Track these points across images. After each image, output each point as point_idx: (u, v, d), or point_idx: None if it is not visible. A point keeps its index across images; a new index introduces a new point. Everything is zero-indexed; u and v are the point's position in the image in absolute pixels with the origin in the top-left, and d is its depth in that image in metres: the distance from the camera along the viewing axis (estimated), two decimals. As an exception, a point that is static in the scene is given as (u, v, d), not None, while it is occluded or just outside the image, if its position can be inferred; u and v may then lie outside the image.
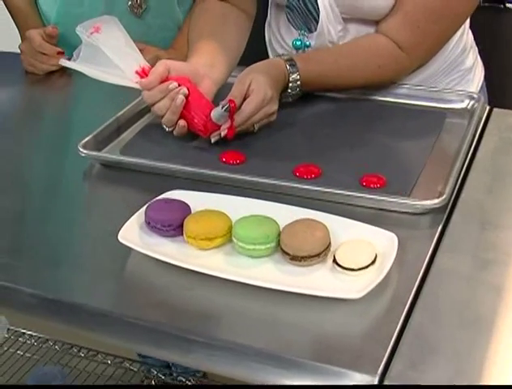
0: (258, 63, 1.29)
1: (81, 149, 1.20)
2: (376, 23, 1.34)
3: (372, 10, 1.31)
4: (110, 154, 1.22)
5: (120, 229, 0.99)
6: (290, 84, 1.29)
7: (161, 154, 1.20)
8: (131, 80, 1.23)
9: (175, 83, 1.21)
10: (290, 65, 1.29)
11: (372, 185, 1.11)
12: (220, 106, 1.19)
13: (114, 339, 0.93)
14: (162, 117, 1.23)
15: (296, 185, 1.10)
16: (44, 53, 1.58)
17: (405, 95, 1.37)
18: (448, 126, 1.28)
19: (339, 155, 1.21)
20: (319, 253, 0.93)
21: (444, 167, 1.14)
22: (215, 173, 1.14)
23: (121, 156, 1.21)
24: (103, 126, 1.27)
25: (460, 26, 1.36)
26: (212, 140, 1.22)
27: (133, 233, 0.99)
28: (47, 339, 1.80)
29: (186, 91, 1.21)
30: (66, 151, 1.29)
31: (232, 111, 1.19)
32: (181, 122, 1.22)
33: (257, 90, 1.22)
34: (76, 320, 0.93)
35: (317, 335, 0.87)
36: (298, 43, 1.41)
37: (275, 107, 1.26)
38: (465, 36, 1.45)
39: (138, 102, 1.33)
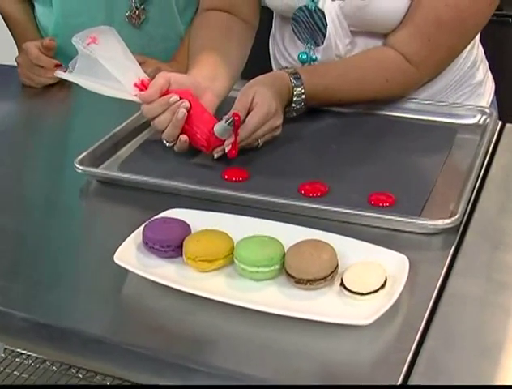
0: (261, 76, 1.24)
1: (77, 165, 1.16)
2: (384, 36, 1.29)
3: (382, 23, 1.27)
4: (108, 170, 1.18)
5: (117, 249, 0.94)
6: (294, 98, 1.25)
7: (161, 171, 1.16)
8: (130, 93, 1.19)
9: (176, 97, 1.17)
10: (294, 78, 1.25)
11: (381, 204, 1.06)
12: (224, 120, 1.15)
13: (108, 367, 0.88)
14: (162, 131, 1.18)
15: (301, 204, 1.06)
16: (41, 66, 1.53)
17: (414, 110, 1.33)
18: (459, 142, 1.24)
19: (346, 172, 1.16)
20: (326, 276, 0.89)
21: (456, 185, 1.10)
22: (216, 190, 1.09)
23: (119, 172, 1.16)
24: (100, 141, 1.22)
25: (472, 39, 1.32)
26: (215, 156, 1.18)
27: (130, 254, 0.95)
28: (44, 360, 1.74)
29: (188, 105, 1.17)
30: (63, 168, 1.24)
31: (236, 125, 1.15)
32: (183, 137, 1.17)
33: (261, 103, 1.17)
34: (67, 346, 0.88)
35: (324, 364, 0.82)
36: (304, 56, 1.36)
37: (279, 121, 1.21)
38: (475, 50, 1.41)
39: (138, 117, 1.29)
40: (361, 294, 0.87)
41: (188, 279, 0.92)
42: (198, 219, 0.99)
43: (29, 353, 1.74)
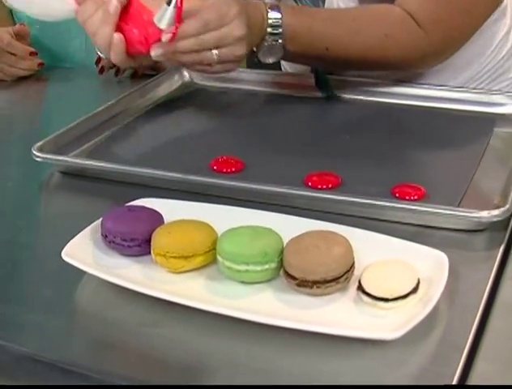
0: None
1: (36, 152, 0.95)
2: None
3: None
4: (73, 158, 0.96)
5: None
6: (269, 29, 1.02)
7: (135, 160, 0.95)
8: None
9: None
10: (271, 7, 1.02)
11: (407, 197, 0.84)
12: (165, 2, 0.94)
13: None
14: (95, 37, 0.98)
15: (308, 193, 0.84)
16: (13, 54, 1.34)
17: (445, 98, 1.12)
18: (499, 133, 1.02)
19: (363, 162, 0.95)
20: (338, 277, 0.66)
21: (499, 177, 0.89)
22: (202, 179, 0.88)
23: (85, 159, 0.95)
24: (64, 128, 1.01)
25: (489, 7, 1.11)
26: (152, 53, 0.97)
27: (83, 250, 0.73)
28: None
29: (116, 4, 0.96)
30: (24, 160, 1.02)
31: (178, 9, 0.93)
32: (117, 36, 0.96)
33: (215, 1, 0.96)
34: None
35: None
36: None
37: (239, 32, 0.97)
38: (511, 40, 1.20)
39: (112, 104, 1.08)
40: (386, 300, 0.65)
41: (155, 282, 0.70)
42: (174, 209, 0.77)
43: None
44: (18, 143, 1.11)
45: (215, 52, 0.97)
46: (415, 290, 0.65)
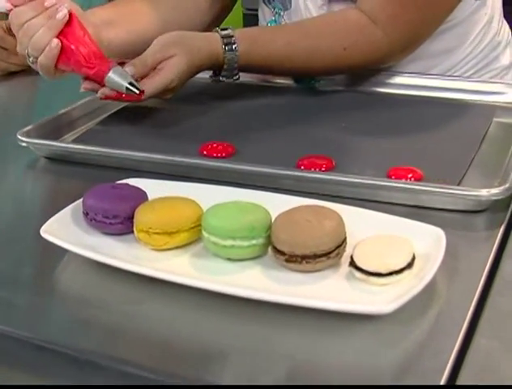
0: (193, 34, 1.01)
1: (21, 137, 0.92)
2: None
3: None
4: (58, 142, 0.93)
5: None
6: (225, 65, 1.01)
7: (121, 145, 0.91)
8: None
9: (53, 0, 0.95)
10: (227, 43, 1.00)
11: (404, 180, 0.81)
12: (125, 80, 0.93)
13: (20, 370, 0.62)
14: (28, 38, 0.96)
15: (300, 173, 0.81)
16: (5, 48, 1.31)
17: (438, 87, 1.08)
18: (499, 122, 0.99)
19: (358, 146, 0.92)
20: (329, 251, 0.63)
21: (498, 161, 0.86)
22: (191, 160, 0.85)
23: (71, 143, 0.92)
24: (52, 115, 0.98)
25: (452, 5, 1.08)
26: (99, 94, 0.96)
27: (63, 228, 0.70)
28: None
29: (67, 12, 0.94)
30: (7, 146, 0.99)
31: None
32: (56, 41, 0.94)
33: (165, 73, 0.96)
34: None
35: (329, 370, 0.56)
36: (273, 24, 1.15)
37: (170, 95, 0.99)
38: (493, 29, 1.18)
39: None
40: (379, 275, 0.61)
41: (138, 259, 0.66)
42: (159, 189, 0.74)
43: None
44: (4, 130, 1.08)
45: None
46: (410, 265, 0.62)
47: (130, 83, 0.93)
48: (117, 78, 0.93)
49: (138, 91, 0.93)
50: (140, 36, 1.10)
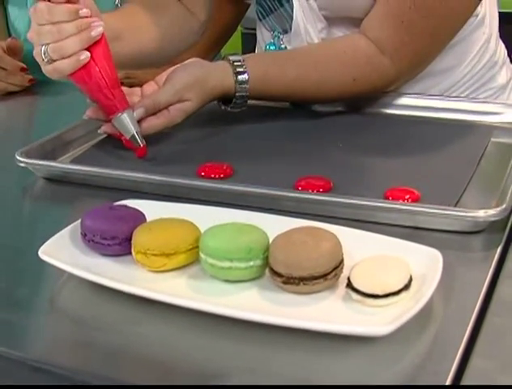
0: (208, 72, 1.00)
1: (19, 157, 0.92)
2: None
3: (353, 5, 1.06)
4: (57, 163, 0.94)
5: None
6: (235, 99, 1.02)
7: (121, 166, 0.92)
8: None
9: (87, 10, 0.92)
10: (240, 83, 1.00)
11: (401, 201, 0.81)
12: (133, 127, 0.93)
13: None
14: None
15: (298, 195, 0.81)
16: (4, 68, 1.32)
17: (437, 108, 1.08)
18: (496, 142, 0.99)
19: (355, 167, 0.92)
20: (327, 273, 0.63)
21: (495, 183, 0.86)
22: (189, 182, 0.85)
23: (70, 164, 0.92)
24: (51, 135, 0.99)
25: (456, 28, 1.08)
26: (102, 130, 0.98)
27: (61, 249, 0.70)
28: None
29: (102, 32, 0.92)
30: (6, 167, 0.99)
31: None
32: (87, 54, 0.91)
33: (172, 117, 0.97)
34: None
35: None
36: (272, 48, 1.16)
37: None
38: (492, 48, 1.20)
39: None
40: (376, 297, 0.61)
41: (135, 280, 0.66)
42: (157, 210, 0.74)
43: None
44: (2, 150, 1.09)
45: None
46: (407, 287, 0.62)
47: (137, 133, 0.93)
48: (128, 122, 0.93)
49: (141, 145, 0.92)
50: (142, 52, 1.11)
